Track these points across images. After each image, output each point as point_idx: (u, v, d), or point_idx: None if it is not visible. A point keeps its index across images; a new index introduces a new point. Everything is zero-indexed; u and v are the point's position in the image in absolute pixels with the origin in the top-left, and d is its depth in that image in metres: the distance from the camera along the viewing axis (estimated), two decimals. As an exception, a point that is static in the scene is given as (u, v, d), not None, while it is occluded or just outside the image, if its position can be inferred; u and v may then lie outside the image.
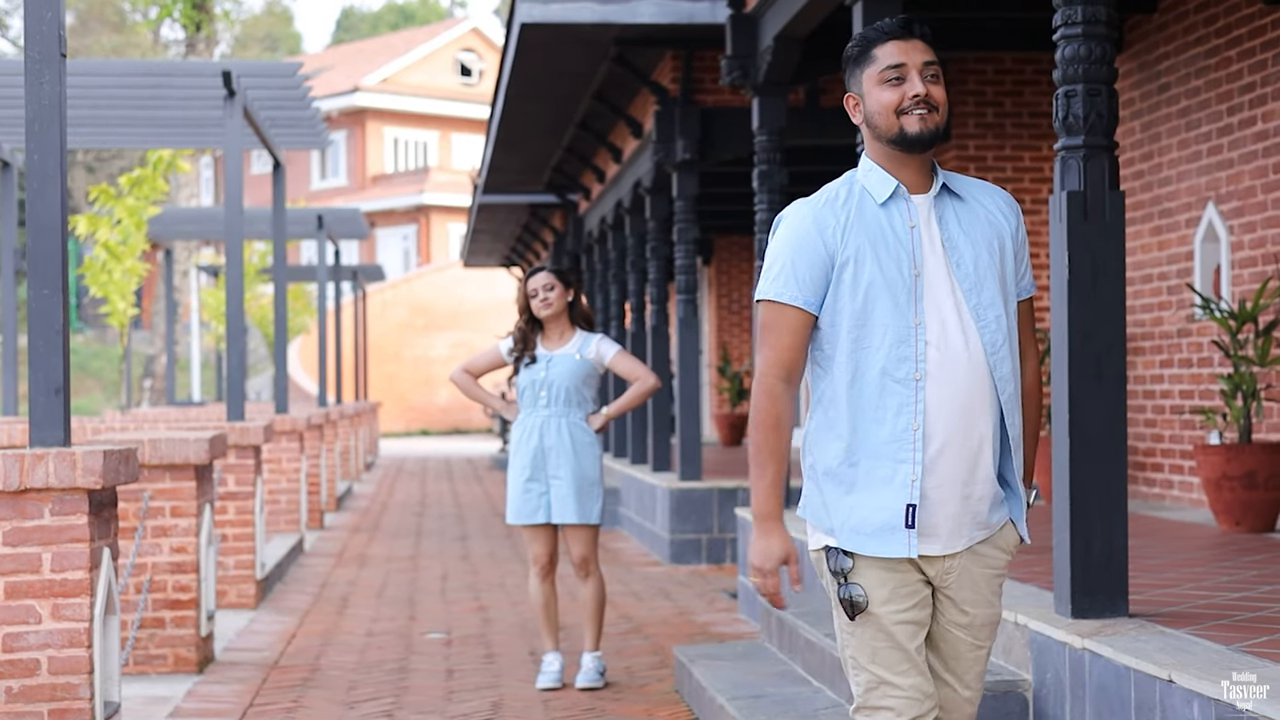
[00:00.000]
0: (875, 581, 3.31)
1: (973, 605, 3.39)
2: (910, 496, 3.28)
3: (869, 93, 3.36)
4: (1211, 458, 7.59)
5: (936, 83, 3.35)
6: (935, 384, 3.28)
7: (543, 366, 7.06)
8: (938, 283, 3.32)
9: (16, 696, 5.06)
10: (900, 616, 3.32)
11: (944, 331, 3.30)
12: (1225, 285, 8.55)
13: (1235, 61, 8.42)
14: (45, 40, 5.12)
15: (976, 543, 3.37)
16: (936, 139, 3.33)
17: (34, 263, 5.14)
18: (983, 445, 3.32)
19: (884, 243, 3.31)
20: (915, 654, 3.34)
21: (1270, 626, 4.67)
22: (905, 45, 3.35)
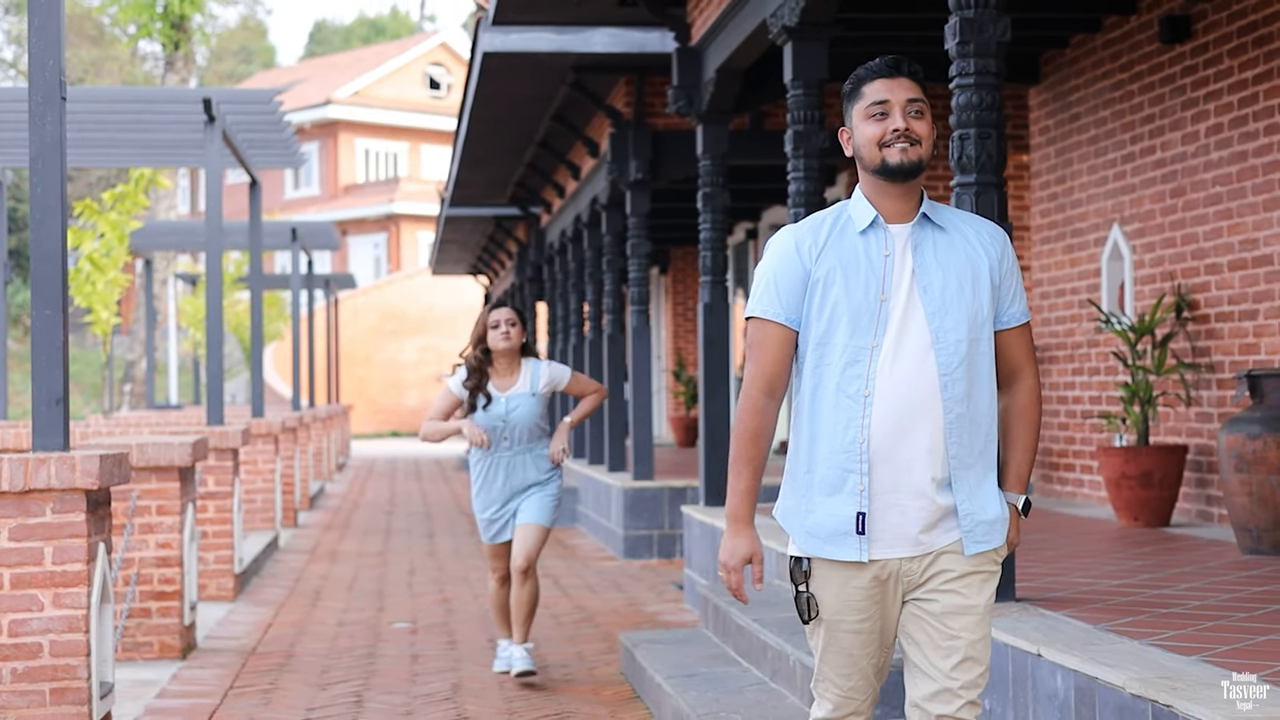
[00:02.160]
0: (830, 592, 3.43)
1: (936, 594, 3.43)
2: (860, 504, 3.39)
3: (857, 126, 3.48)
4: (1112, 459, 8.07)
5: (920, 118, 3.45)
6: (882, 401, 3.37)
7: (502, 409, 7.08)
8: (904, 307, 3.40)
9: (21, 676, 5.45)
10: (847, 627, 3.44)
11: (897, 354, 3.38)
12: (1129, 301, 9.03)
13: (1137, 95, 8.91)
14: (48, 86, 5.51)
15: (937, 550, 3.42)
16: (919, 170, 3.44)
17: (36, 285, 5.53)
18: (930, 459, 3.38)
19: (855, 268, 3.42)
20: (861, 662, 3.46)
21: (1138, 609, 5.13)
22: (891, 83, 3.47)
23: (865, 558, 3.38)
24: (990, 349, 3.47)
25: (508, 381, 7.13)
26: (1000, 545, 3.47)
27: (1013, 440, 3.58)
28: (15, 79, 57.36)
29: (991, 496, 3.46)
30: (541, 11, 11.00)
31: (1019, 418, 3.57)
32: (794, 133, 7.54)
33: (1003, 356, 3.54)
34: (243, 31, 68.27)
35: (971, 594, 3.43)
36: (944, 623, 3.42)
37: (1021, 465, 3.57)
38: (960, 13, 5.34)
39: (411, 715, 6.47)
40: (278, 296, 32.57)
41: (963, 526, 3.42)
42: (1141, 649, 4.35)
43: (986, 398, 3.46)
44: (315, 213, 52.14)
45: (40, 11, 5.53)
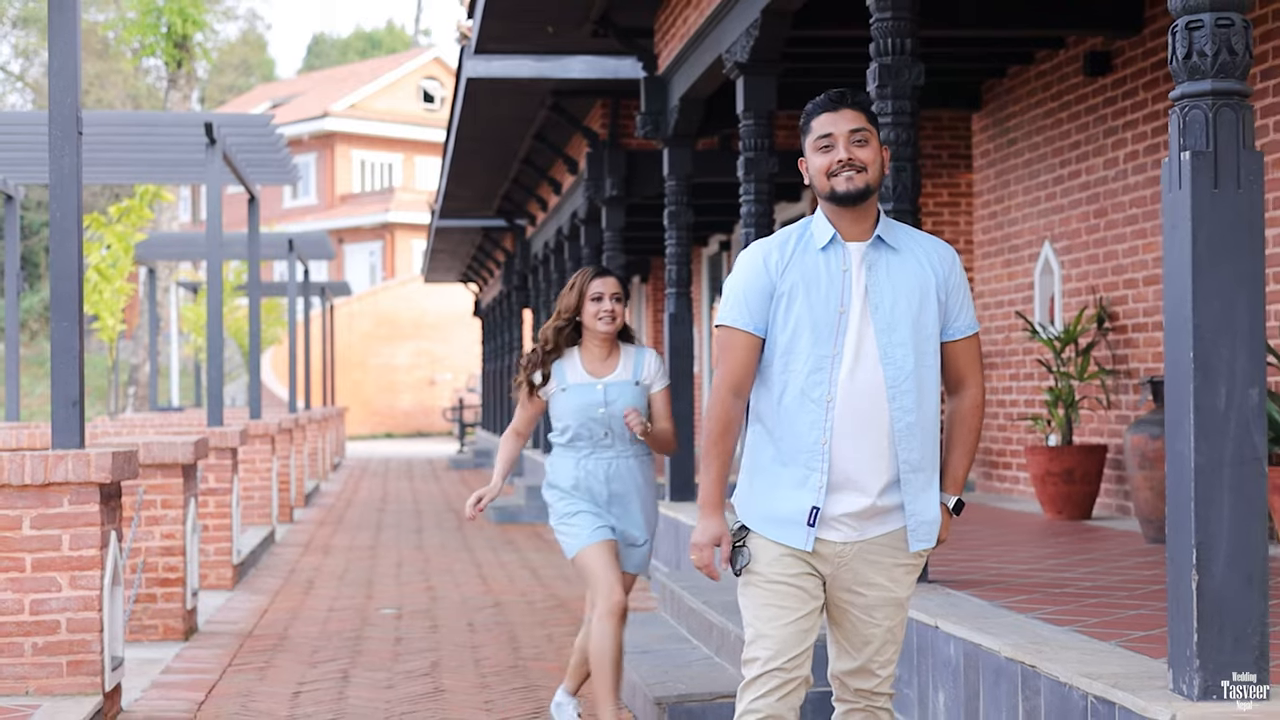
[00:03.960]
0: (762, 548, 3.65)
1: (865, 587, 3.65)
2: (816, 499, 3.59)
3: (809, 157, 3.67)
4: (1038, 457, 8.58)
5: (864, 146, 3.62)
6: (842, 406, 3.57)
7: (600, 397, 5.43)
8: (858, 321, 3.59)
9: (41, 650, 5.94)
10: (779, 577, 3.62)
11: (856, 363, 3.58)
12: (1058, 312, 9.55)
13: (1065, 123, 9.42)
14: (65, 121, 6.00)
15: (870, 538, 3.63)
16: (867, 195, 3.61)
17: (55, 300, 6.02)
18: (878, 461, 3.58)
19: (817, 282, 3.61)
20: (794, 614, 3.60)
21: (1035, 589, 5.64)
22: (835, 116, 3.64)
23: (810, 547, 3.60)
24: (936, 361, 3.67)
25: (603, 366, 5.49)
26: (934, 546, 3.70)
27: (954, 444, 3.78)
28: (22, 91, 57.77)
29: (934, 499, 3.67)
30: (520, 41, 11.50)
31: (961, 423, 3.77)
32: (745, 159, 8.04)
33: (950, 365, 3.74)
34: (243, 46, 68.62)
35: (898, 587, 3.68)
36: (870, 614, 3.67)
37: (959, 468, 3.77)
38: (879, 59, 5.85)
39: (393, 689, 6.96)
40: (276, 303, 33.02)
41: (909, 526, 3.63)
42: (1025, 621, 4.85)
43: (934, 407, 3.65)
44: (313, 221, 52.61)
45: (59, 54, 6.02)
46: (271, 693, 6.90)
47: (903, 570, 3.69)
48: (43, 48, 56.28)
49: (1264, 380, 3.58)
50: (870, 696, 3.76)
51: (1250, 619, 3.54)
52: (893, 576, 3.67)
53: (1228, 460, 3.55)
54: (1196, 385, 3.54)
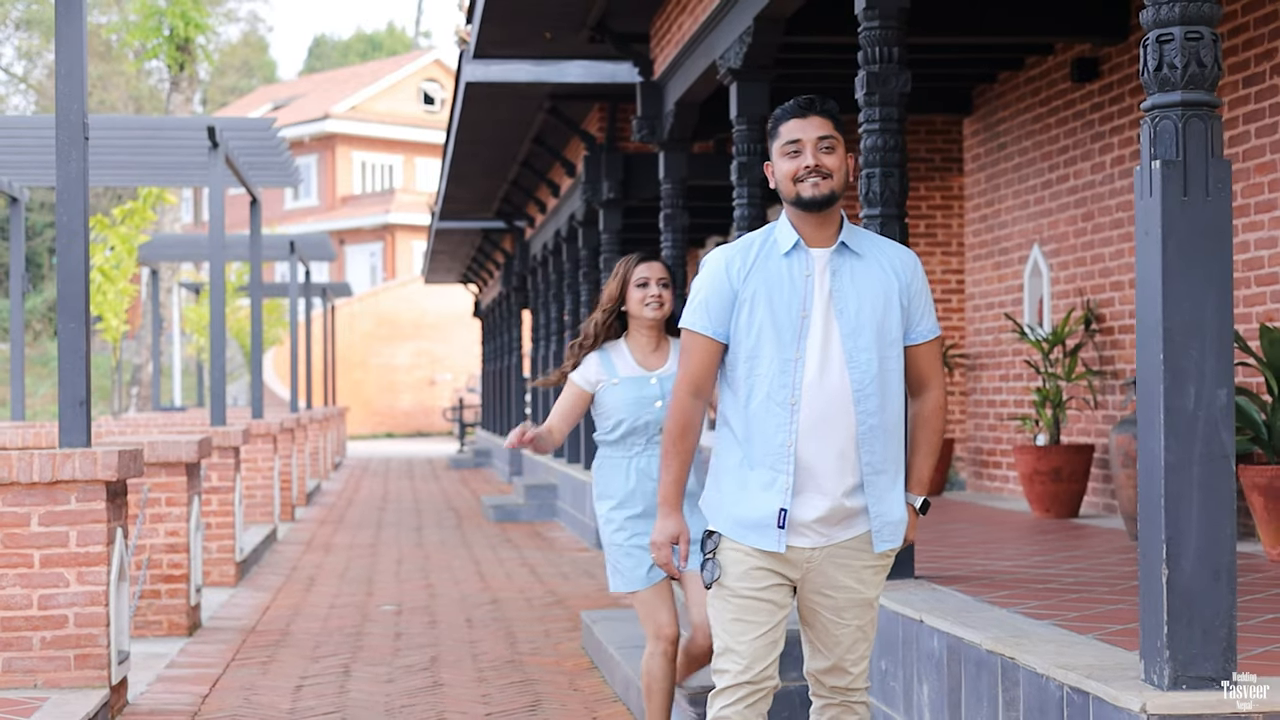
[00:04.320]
0: (732, 562, 3.68)
1: (834, 590, 3.70)
2: (784, 501, 3.63)
3: (776, 163, 3.70)
4: (1026, 456, 8.69)
5: (830, 153, 3.65)
6: (807, 409, 3.61)
7: (655, 391, 5.07)
8: (822, 325, 3.63)
9: (49, 644, 6.05)
10: (748, 592, 3.66)
11: (820, 367, 3.62)
12: (1047, 314, 9.66)
13: (1054, 128, 9.54)
14: (73, 127, 6.11)
15: (838, 542, 3.68)
16: (832, 201, 3.65)
17: (63, 302, 6.14)
18: (842, 463, 3.63)
19: (779, 287, 3.65)
20: (762, 628, 3.66)
21: (1018, 584, 5.75)
22: (803, 122, 3.67)
23: (782, 548, 3.65)
24: (900, 365, 3.71)
25: (654, 358, 5.14)
26: (899, 546, 3.75)
27: (916, 446, 3.83)
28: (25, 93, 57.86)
29: (899, 500, 3.72)
30: (519, 46, 11.61)
31: (923, 426, 3.83)
32: (738, 164, 8.15)
33: (912, 368, 3.78)
34: (244, 47, 68.73)
35: (866, 587, 3.73)
36: (840, 615, 3.73)
37: (923, 470, 3.83)
38: (867, 67, 5.96)
39: (393, 683, 7.07)
40: (277, 304, 33.13)
41: (873, 526, 3.68)
42: (1006, 615, 4.96)
43: (898, 409, 3.70)
44: (314, 222, 52.73)
45: (66, 61, 6.13)
46: (274, 687, 7.01)
47: (870, 571, 3.73)
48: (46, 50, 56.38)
49: (1231, 381, 3.69)
50: (845, 693, 3.82)
51: (1218, 612, 3.65)
52: (861, 578, 3.72)
53: (1197, 458, 3.66)
54: (1166, 386, 3.65)
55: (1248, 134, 7.39)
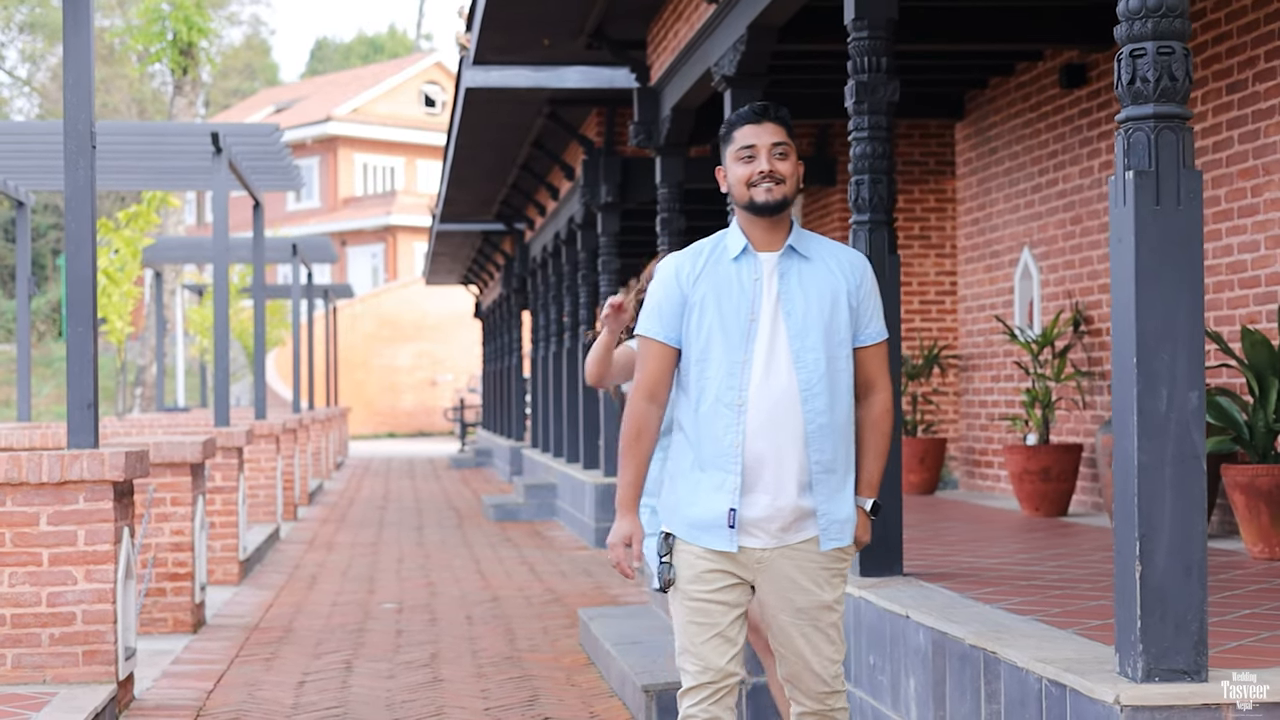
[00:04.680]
0: (685, 565, 3.75)
1: (789, 591, 3.76)
2: (733, 501, 3.70)
3: (729, 167, 3.76)
4: (1016, 455, 8.80)
5: (784, 159, 3.73)
6: (755, 410, 3.68)
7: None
8: (769, 328, 3.70)
9: (58, 640, 6.16)
10: (701, 594, 3.73)
11: (768, 369, 3.68)
12: (1037, 315, 9.77)
13: (1043, 132, 9.65)
14: (80, 137, 6.22)
15: (791, 544, 3.74)
16: (784, 206, 3.73)
17: (71, 307, 6.24)
18: (790, 463, 3.69)
19: (728, 292, 3.72)
20: (715, 629, 3.72)
21: (1003, 581, 5.86)
22: (758, 128, 3.73)
23: (734, 548, 3.71)
24: (849, 365, 3.77)
25: None
26: (849, 544, 3.80)
27: (865, 449, 3.87)
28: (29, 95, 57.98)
29: (847, 499, 3.79)
30: (517, 53, 11.72)
31: (872, 428, 3.87)
32: (732, 169, 8.25)
33: (860, 371, 3.83)
34: (247, 50, 68.87)
35: (823, 590, 3.77)
36: (797, 618, 3.76)
37: (872, 472, 3.87)
38: (856, 76, 6.07)
39: (393, 678, 7.18)
40: (279, 305, 33.24)
41: (820, 525, 3.74)
42: (990, 611, 5.06)
43: (846, 409, 3.77)
44: (316, 224, 52.85)
45: (74, 71, 6.24)
46: (277, 682, 7.12)
47: (826, 574, 3.78)
48: (50, 53, 56.49)
49: (1203, 384, 3.79)
50: (821, 699, 3.84)
51: (1190, 607, 3.76)
52: (816, 580, 3.77)
53: (1169, 459, 3.76)
54: (1140, 389, 3.76)
55: (1231, 140, 7.50)
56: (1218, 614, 4.93)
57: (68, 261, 6.26)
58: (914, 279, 12.38)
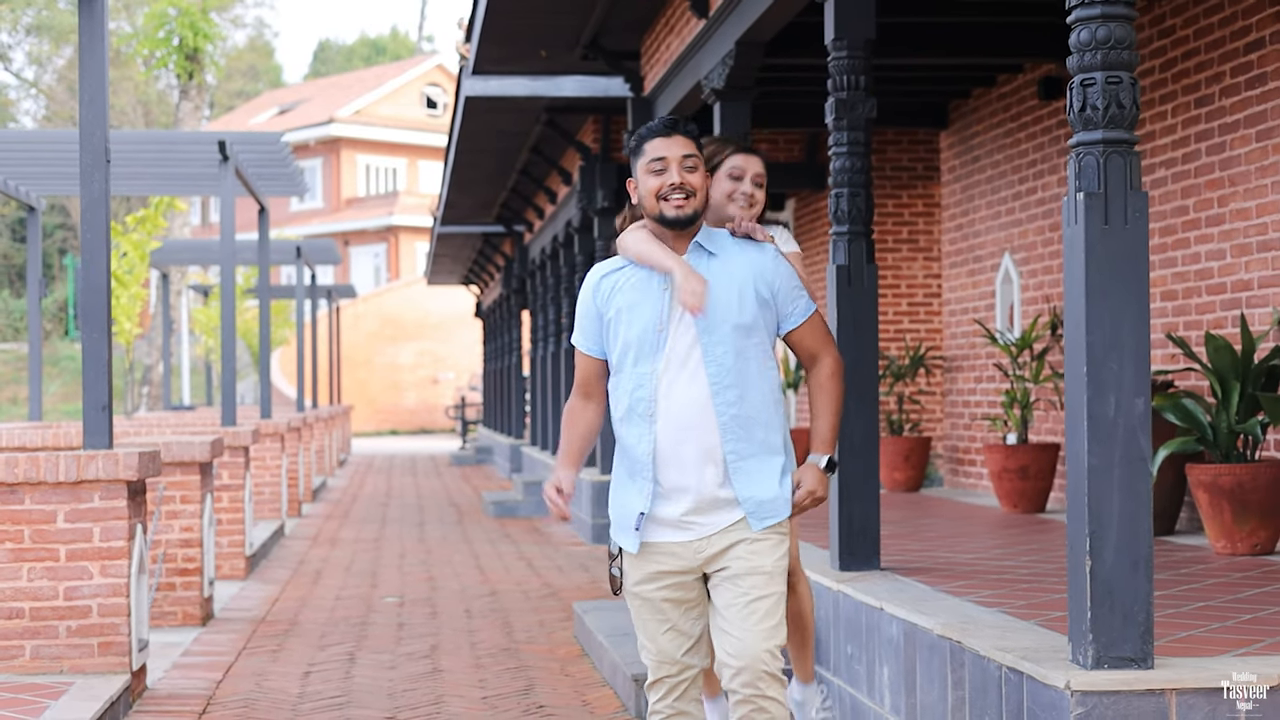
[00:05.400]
0: (631, 566, 3.92)
1: (730, 560, 3.85)
2: (644, 505, 3.84)
3: (640, 179, 3.80)
4: (995, 454, 9.03)
5: (693, 172, 3.77)
6: (663, 417, 3.81)
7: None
8: (680, 330, 3.80)
9: (75, 633, 6.39)
10: (648, 593, 3.88)
11: (679, 372, 3.79)
12: (1017, 319, 10.00)
13: (1023, 142, 9.88)
14: (95, 151, 6.44)
15: (722, 528, 3.84)
16: (694, 220, 3.80)
17: (85, 314, 6.47)
18: (706, 463, 3.81)
19: (641, 303, 3.83)
20: (671, 622, 3.87)
21: (975, 575, 6.09)
22: (668, 141, 3.76)
23: (635, 548, 3.87)
24: (761, 353, 3.86)
25: None
26: (784, 518, 3.86)
27: (817, 411, 4.00)
28: (36, 98, 58.18)
29: (769, 479, 3.86)
30: (516, 63, 11.95)
31: (820, 390, 3.99)
32: (721, 179, 8.48)
33: (801, 347, 3.96)
34: (250, 52, 69.03)
35: (759, 558, 3.83)
36: (737, 583, 3.82)
37: (824, 430, 3.96)
38: (836, 94, 6.29)
39: (395, 669, 7.41)
40: (283, 305, 33.49)
41: (746, 509, 3.83)
42: (959, 604, 5.29)
43: (758, 397, 3.85)
44: (319, 224, 53.09)
45: (89, 88, 6.46)
46: (284, 673, 7.35)
47: (767, 544, 3.84)
48: (56, 55, 56.67)
49: (1148, 391, 4.02)
50: (753, 685, 3.80)
51: (1137, 599, 3.99)
52: (753, 549, 3.83)
53: (1117, 461, 3.99)
54: (1089, 396, 3.99)
55: (1199, 152, 7.73)
56: (1173, 606, 5.17)
57: (83, 269, 6.48)
58: (902, 281, 12.61)
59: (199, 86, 28.77)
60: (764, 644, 3.80)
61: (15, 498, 6.34)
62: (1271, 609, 5.12)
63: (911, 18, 8.61)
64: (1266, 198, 7.14)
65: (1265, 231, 7.16)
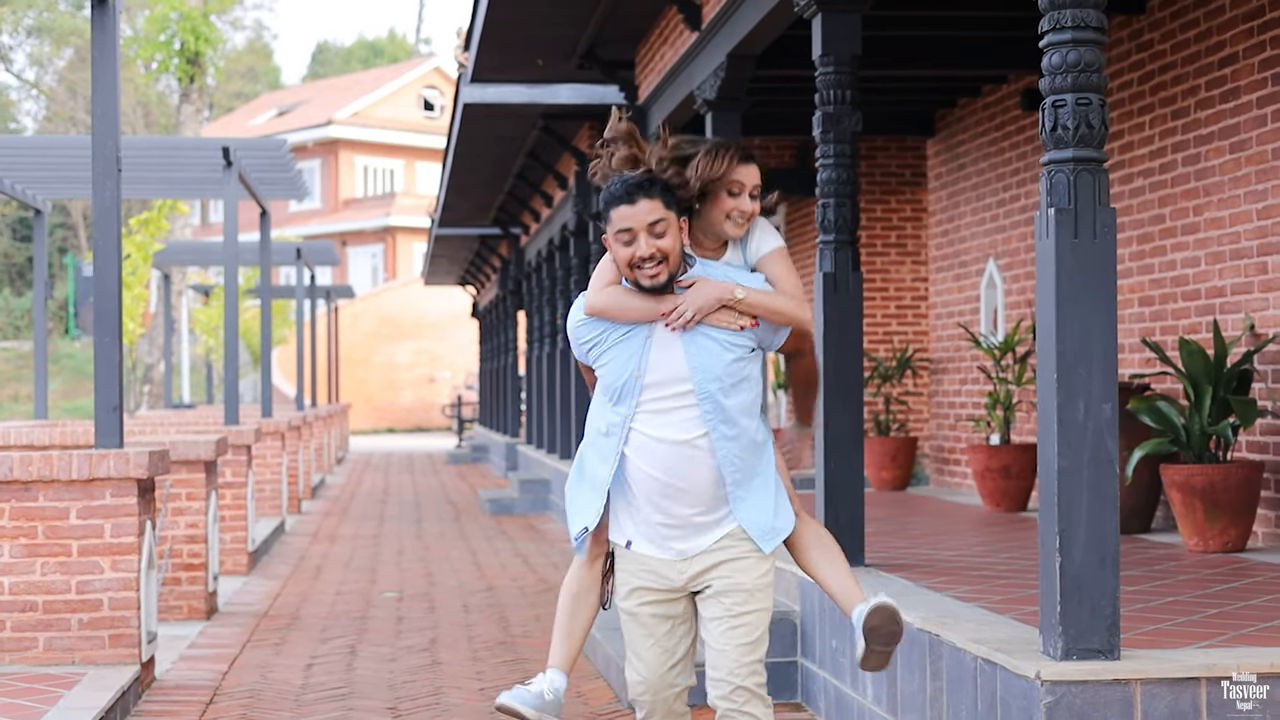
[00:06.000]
0: (621, 581, 3.92)
1: (714, 578, 3.83)
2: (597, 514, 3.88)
3: (611, 244, 3.72)
4: (978, 454, 9.21)
5: (663, 237, 3.64)
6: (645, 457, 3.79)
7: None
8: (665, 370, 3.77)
9: (86, 625, 6.55)
10: (635, 608, 3.88)
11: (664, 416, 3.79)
12: (1000, 323, 10.18)
13: (1007, 151, 10.06)
14: (107, 161, 6.61)
15: (708, 547, 3.83)
16: (669, 285, 3.71)
17: (99, 317, 6.63)
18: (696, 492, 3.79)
19: (620, 354, 3.78)
20: (656, 638, 3.87)
21: (956, 571, 6.26)
22: (632, 210, 3.62)
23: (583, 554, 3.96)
24: (752, 383, 3.82)
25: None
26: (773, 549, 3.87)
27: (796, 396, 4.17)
28: (37, 98, 58.28)
29: (766, 504, 3.85)
30: (513, 71, 12.11)
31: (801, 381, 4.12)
32: (713, 187, 8.64)
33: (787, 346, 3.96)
34: (249, 54, 69.13)
35: (741, 575, 3.81)
36: (720, 600, 3.81)
37: (805, 407, 4.15)
38: (823, 108, 6.47)
39: (395, 661, 7.58)
40: (282, 305, 33.63)
41: (752, 534, 3.82)
42: (939, 598, 5.47)
43: (751, 423, 3.82)
44: (317, 225, 53.22)
45: (101, 100, 6.62)
46: (287, 665, 7.52)
47: (747, 563, 3.83)
48: (56, 56, 56.77)
49: (1115, 396, 4.20)
50: (730, 698, 3.81)
51: (1104, 593, 4.16)
52: (739, 569, 3.82)
53: (1086, 463, 4.17)
54: (1060, 401, 4.16)
55: (1176, 162, 7.91)
56: (1143, 600, 5.35)
57: (95, 274, 6.64)
58: (891, 285, 12.78)
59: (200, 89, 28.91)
60: (745, 659, 3.80)
61: (29, 495, 6.50)
62: (1238, 604, 5.29)
63: (898, 31, 8.79)
64: (1239, 207, 7.32)
65: (1238, 240, 7.34)
